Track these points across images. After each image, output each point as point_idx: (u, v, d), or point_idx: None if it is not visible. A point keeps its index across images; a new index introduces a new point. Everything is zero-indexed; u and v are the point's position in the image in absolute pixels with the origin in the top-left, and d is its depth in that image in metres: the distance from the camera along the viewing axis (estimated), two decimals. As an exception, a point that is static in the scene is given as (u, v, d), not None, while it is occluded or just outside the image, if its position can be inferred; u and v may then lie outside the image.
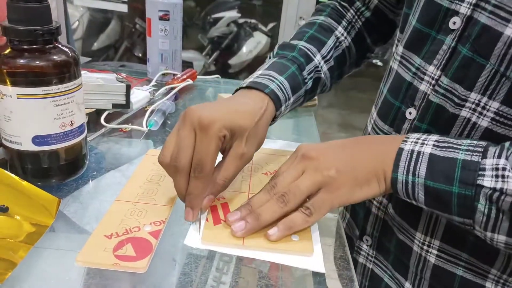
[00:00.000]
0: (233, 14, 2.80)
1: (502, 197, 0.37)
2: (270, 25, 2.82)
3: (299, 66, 0.58)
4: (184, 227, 0.46)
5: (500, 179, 0.37)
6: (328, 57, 0.62)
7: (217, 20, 2.78)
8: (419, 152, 0.42)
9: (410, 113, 0.50)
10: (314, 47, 0.61)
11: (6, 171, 0.45)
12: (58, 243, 0.42)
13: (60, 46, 0.47)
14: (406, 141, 0.43)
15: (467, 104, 0.44)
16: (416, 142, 0.43)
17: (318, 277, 0.42)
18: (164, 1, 0.89)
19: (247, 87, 0.53)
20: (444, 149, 0.41)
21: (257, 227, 0.43)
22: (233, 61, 2.80)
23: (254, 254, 0.43)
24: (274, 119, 0.55)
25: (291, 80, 0.56)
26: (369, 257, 0.59)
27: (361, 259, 0.61)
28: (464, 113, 0.44)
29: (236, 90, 0.55)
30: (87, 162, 0.55)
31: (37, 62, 0.45)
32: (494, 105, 0.42)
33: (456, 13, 0.44)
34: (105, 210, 0.46)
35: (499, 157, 0.38)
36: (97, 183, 0.53)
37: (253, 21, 2.82)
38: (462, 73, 0.44)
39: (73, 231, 0.45)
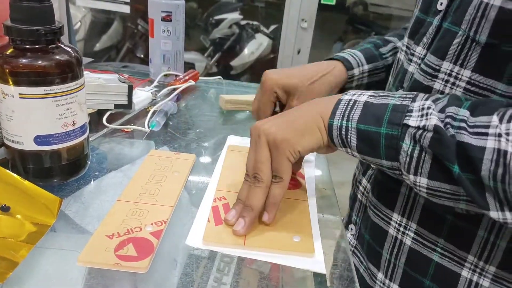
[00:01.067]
0: (235, 15, 2.80)
1: (424, 133, 0.38)
2: (272, 27, 2.82)
3: (375, 45, 0.66)
4: (185, 227, 0.46)
5: (424, 117, 0.38)
6: None
7: (219, 21, 2.78)
8: (355, 101, 0.43)
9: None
10: (394, 37, 0.69)
11: (7, 171, 0.45)
12: (59, 243, 0.42)
13: (62, 46, 0.47)
14: (346, 94, 0.45)
15: (440, 75, 0.45)
16: (354, 94, 0.45)
17: (319, 277, 0.42)
18: (167, 2, 0.89)
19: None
20: (379, 98, 0.43)
21: (254, 217, 0.45)
22: (235, 62, 2.80)
23: (255, 255, 0.43)
24: (351, 82, 0.63)
25: (364, 52, 0.64)
26: (350, 247, 0.60)
27: None
28: (438, 85, 0.45)
29: None
30: (89, 162, 0.55)
31: (40, 61, 0.45)
32: (466, 73, 0.42)
33: None
34: (107, 210, 0.46)
35: (426, 99, 0.40)
36: (99, 183, 0.53)
37: (255, 23, 2.82)
38: (438, 45, 0.45)
39: (74, 231, 0.44)
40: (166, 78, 0.95)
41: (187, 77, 0.93)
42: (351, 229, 0.60)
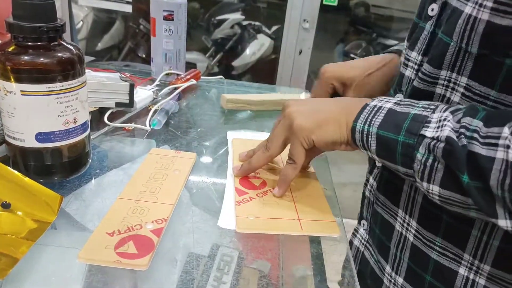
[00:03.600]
0: (237, 16, 2.80)
1: (437, 144, 0.39)
2: (274, 28, 2.81)
3: None
4: (186, 225, 0.46)
5: (439, 129, 0.40)
6: None
7: (221, 22, 2.78)
8: (380, 107, 0.45)
9: (397, 97, 0.52)
10: None
11: (8, 168, 0.45)
12: (60, 240, 0.42)
13: (64, 43, 0.47)
14: (374, 99, 0.47)
15: (440, 81, 0.46)
16: (381, 100, 0.47)
17: (319, 276, 0.42)
18: (169, 1, 0.89)
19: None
20: (402, 106, 0.44)
21: (249, 169, 0.56)
22: (236, 63, 2.80)
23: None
24: None
25: None
26: (363, 241, 0.61)
27: (356, 242, 0.63)
28: (439, 90, 0.46)
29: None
30: (90, 160, 0.55)
31: (42, 59, 0.45)
32: (463, 80, 0.43)
33: (434, 0, 0.47)
34: (107, 208, 0.46)
35: (445, 110, 0.41)
36: (100, 181, 0.53)
37: (257, 23, 2.82)
38: (434, 53, 0.46)
39: (75, 228, 0.44)
40: (167, 77, 0.95)
41: (188, 76, 0.93)
42: (363, 224, 0.62)
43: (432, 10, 0.47)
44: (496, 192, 0.35)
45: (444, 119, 0.40)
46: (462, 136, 0.38)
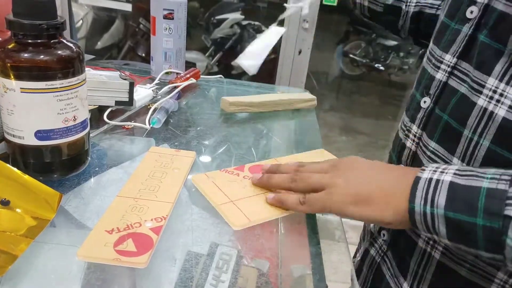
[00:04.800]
0: (236, 15, 2.80)
1: None
2: (274, 27, 2.82)
3: None
4: (185, 224, 0.46)
5: None
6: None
7: (220, 21, 2.79)
8: (437, 180, 0.39)
9: (424, 101, 0.51)
10: None
11: (8, 165, 0.45)
12: (59, 238, 0.42)
13: (64, 41, 0.47)
14: (424, 170, 0.41)
15: (485, 91, 0.43)
16: (435, 171, 0.40)
17: (318, 275, 0.42)
18: (169, 0, 0.89)
19: None
20: (466, 177, 0.38)
21: (266, 184, 0.54)
22: (236, 62, 2.80)
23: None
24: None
25: None
26: (380, 252, 0.59)
27: (372, 251, 0.61)
28: (481, 101, 0.43)
29: None
30: (89, 158, 0.55)
31: (41, 56, 0.45)
32: (511, 91, 0.41)
33: (474, 2, 0.45)
34: (107, 206, 0.46)
35: None
36: (99, 179, 0.53)
37: (256, 23, 2.82)
38: (480, 59, 0.44)
39: (74, 226, 0.44)
40: (167, 76, 0.95)
41: (188, 75, 0.93)
42: (383, 234, 0.59)
43: (471, 12, 0.45)
44: None
45: None
46: None
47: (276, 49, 2.67)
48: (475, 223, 0.36)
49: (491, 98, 0.43)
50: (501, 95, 0.42)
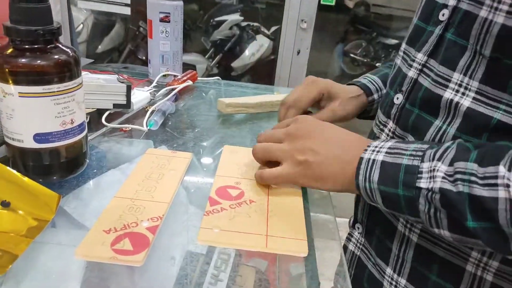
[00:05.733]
0: (235, 17, 2.80)
1: (433, 195, 0.41)
2: (273, 28, 2.82)
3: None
4: (181, 224, 0.47)
5: (432, 180, 0.41)
6: None
7: (220, 23, 2.79)
8: (373, 160, 0.46)
9: (397, 98, 0.55)
10: None
11: (8, 168, 0.46)
12: (58, 238, 0.43)
13: (61, 46, 0.48)
14: (366, 149, 0.48)
15: (451, 85, 0.47)
16: (373, 150, 0.48)
17: (311, 272, 0.42)
18: (165, 3, 0.90)
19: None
20: (393, 155, 0.45)
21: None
22: (235, 64, 2.80)
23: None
24: (371, 106, 0.72)
25: (382, 77, 0.73)
26: (358, 244, 0.62)
27: (350, 246, 0.63)
28: (448, 94, 0.47)
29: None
30: (88, 161, 0.56)
31: (38, 61, 0.46)
32: (474, 84, 0.45)
33: (446, 6, 0.49)
34: (104, 207, 0.47)
35: (433, 159, 0.42)
36: (97, 181, 0.54)
37: (255, 24, 2.83)
38: (446, 55, 0.48)
39: (73, 227, 0.45)
40: (164, 79, 0.96)
41: (185, 78, 0.94)
42: (358, 228, 0.62)
43: (443, 15, 0.49)
44: (507, 231, 0.36)
45: (433, 169, 0.41)
46: (459, 182, 0.39)
47: (274, 50, 2.67)
48: (398, 194, 0.43)
49: (457, 91, 0.46)
50: (466, 88, 0.45)
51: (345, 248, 0.64)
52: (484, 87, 0.44)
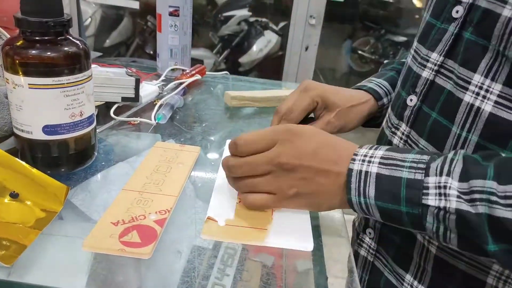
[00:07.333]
0: (244, 12, 2.80)
1: (447, 215, 0.38)
2: (281, 24, 2.81)
3: (397, 72, 0.70)
4: (189, 217, 0.47)
5: (443, 197, 0.38)
6: None
7: (228, 18, 2.79)
8: (366, 172, 0.43)
9: (411, 99, 0.52)
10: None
11: (17, 159, 0.46)
12: (66, 230, 0.43)
13: (71, 38, 0.48)
14: (354, 159, 0.44)
15: (471, 88, 0.44)
16: (363, 161, 0.43)
17: (319, 267, 0.42)
18: (175, -3, 0.90)
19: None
20: (389, 167, 0.42)
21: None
22: (243, 59, 2.80)
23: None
24: (381, 111, 0.67)
25: (389, 80, 0.68)
26: (371, 250, 0.60)
27: (362, 252, 0.61)
28: (468, 97, 0.45)
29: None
30: (96, 153, 0.56)
31: (49, 53, 0.46)
32: (497, 87, 0.42)
33: (460, 2, 0.47)
34: (112, 200, 0.47)
35: (441, 174, 0.39)
36: (105, 173, 0.54)
37: (264, 19, 2.82)
38: (466, 56, 0.45)
39: (80, 219, 0.46)
40: (173, 73, 0.96)
41: (193, 72, 0.94)
42: (369, 233, 0.60)
43: (457, 12, 0.47)
44: None
45: (444, 186, 0.38)
46: (478, 202, 0.36)
47: (282, 46, 2.67)
48: (400, 210, 0.41)
49: (478, 94, 0.44)
50: (486, 91, 0.43)
51: (356, 253, 0.63)
52: (508, 89, 0.42)
